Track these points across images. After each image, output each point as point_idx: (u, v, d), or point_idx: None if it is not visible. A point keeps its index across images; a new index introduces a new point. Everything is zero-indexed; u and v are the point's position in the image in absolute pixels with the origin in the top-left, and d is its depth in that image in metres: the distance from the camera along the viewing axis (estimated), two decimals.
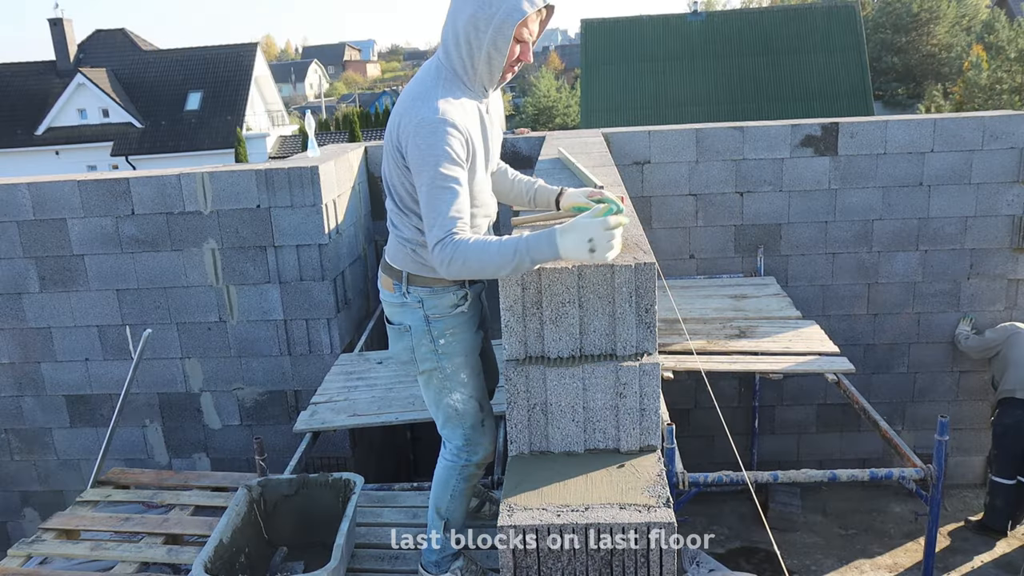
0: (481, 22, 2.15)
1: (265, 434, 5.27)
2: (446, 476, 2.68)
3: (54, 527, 3.65)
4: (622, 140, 5.64)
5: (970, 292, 5.81)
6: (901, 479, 3.46)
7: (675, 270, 5.81)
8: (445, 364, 2.51)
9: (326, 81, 69.16)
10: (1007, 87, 24.53)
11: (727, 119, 17.54)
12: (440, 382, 2.55)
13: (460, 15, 2.19)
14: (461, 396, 2.55)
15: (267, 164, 5.04)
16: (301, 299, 5.06)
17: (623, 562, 1.99)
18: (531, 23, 2.20)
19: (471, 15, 2.15)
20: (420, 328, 2.49)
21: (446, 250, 2.13)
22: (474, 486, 2.75)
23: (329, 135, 28.04)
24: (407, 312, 2.51)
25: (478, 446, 2.62)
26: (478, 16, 2.15)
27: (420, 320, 2.49)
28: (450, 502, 2.70)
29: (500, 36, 2.16)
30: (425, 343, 2.50)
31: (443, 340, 2.49)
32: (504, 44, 2.17)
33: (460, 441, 2.62)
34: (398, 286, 2.50)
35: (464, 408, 2.57)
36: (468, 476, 2.67)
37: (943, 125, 5.56)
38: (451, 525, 2.73)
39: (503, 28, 2.14)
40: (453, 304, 2.48)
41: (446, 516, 2.72)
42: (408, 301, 2.49)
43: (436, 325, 2.48)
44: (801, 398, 6.07)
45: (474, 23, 2.16)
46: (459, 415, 2.58)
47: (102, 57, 28.75)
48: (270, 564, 3.04)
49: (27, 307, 5.15)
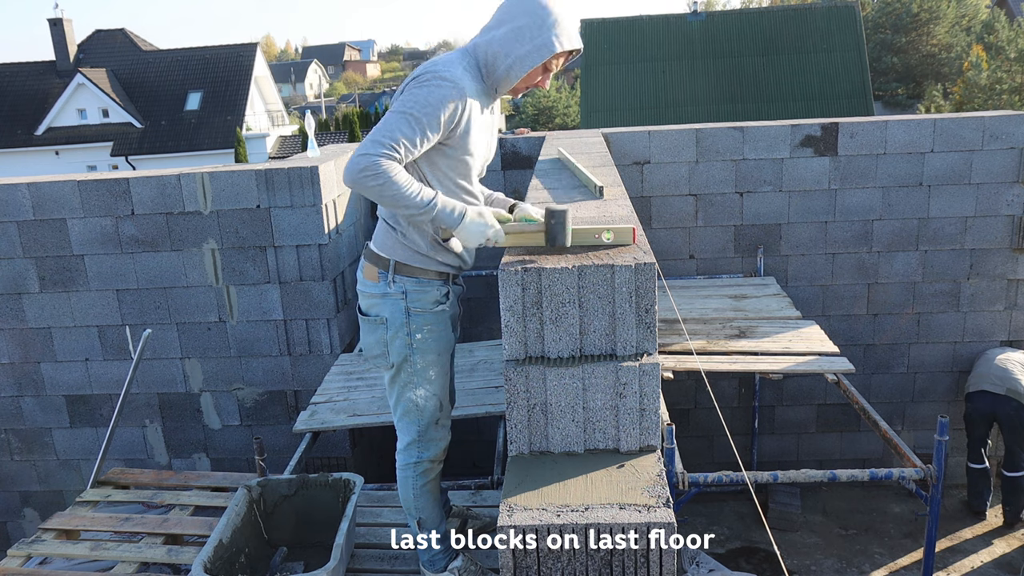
0: (525, 36, 2.33)
1: (265, 434, 5.28)
2: (403, 476, 2.71)
3: (54, 527, 3.65)
4: (622, 140, 5.64)
5: (970, 292, 5.82)
6: (901, 479, 3.46)
7: (675, 270, 5.82)
8: (417, 359, 2.54)
9: (326, 81, 69.18)
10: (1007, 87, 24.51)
11: (727, 119, 17.57)
12: (408, 376, 2.57)
13: (512, 20, 2.35)
14: (425, 393, 2.59)
15: (267, 164, 5.04)
16: (301, 299, 5.06)
17: (623, 562, 1.99)
18: (560, 58, 2.39)
19: (520, 26, 2.33)
20: (398, 321, 2.51)
21: (373, 161, 2.21)
22: (437, 483, 2.75)
23: (329, 135, 28.06)
24: (387, 304, 2.52)
25: (431, 442, 2.66)
26: (524, 30, 2.33)
27: (400, 313, 2.51)
28: (415, 501, 2.72)
29: (533, 55, 2.33)
30: (401, 336, 2.52)
31: (420, 335, 2.52)
32: (531, 63, 2.34)
33: (414, 435, 2.66)
34: (383, 275, 2.52)
35: (425, 405, 2.61)
36: (423, 472, 2.69)
37: (943, 125, 5.56)
38: (426, 524, 2.75)
39: (539, 50, 2.32)
40: (435, 300, 2.52)
41: (417, 516, 2.74)
42: (391, 292, 2.51)
43: (416, 319, 2.51)
44: (801, 398, 6.07)
45: (518, 33, 2.33)
46: (418, 410, 2.62)
47: (102, 57, 28.77)
48: (270, 564, 3.04)
49: (27, 307, 5.15)
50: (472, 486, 3.63)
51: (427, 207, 2.29)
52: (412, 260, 2.49)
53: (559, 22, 2.32)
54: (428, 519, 2.75)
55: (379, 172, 2.21)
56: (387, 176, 2.22)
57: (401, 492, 2.74)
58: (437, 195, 2.31)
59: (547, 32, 2.31)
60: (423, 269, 2.49)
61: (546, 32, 2.31)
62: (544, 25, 2.31)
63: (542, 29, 2.31)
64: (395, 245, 2.50)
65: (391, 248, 2.51)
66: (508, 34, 2.34)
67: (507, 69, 2.35)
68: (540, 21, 2.31)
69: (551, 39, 2.31)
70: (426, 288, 2.50)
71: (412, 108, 2.27)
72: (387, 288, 2.51)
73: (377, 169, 2.21)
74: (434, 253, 2.50)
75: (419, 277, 2.49)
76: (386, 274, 2.51)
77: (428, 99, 2.28)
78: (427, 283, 2.50)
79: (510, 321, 2.23)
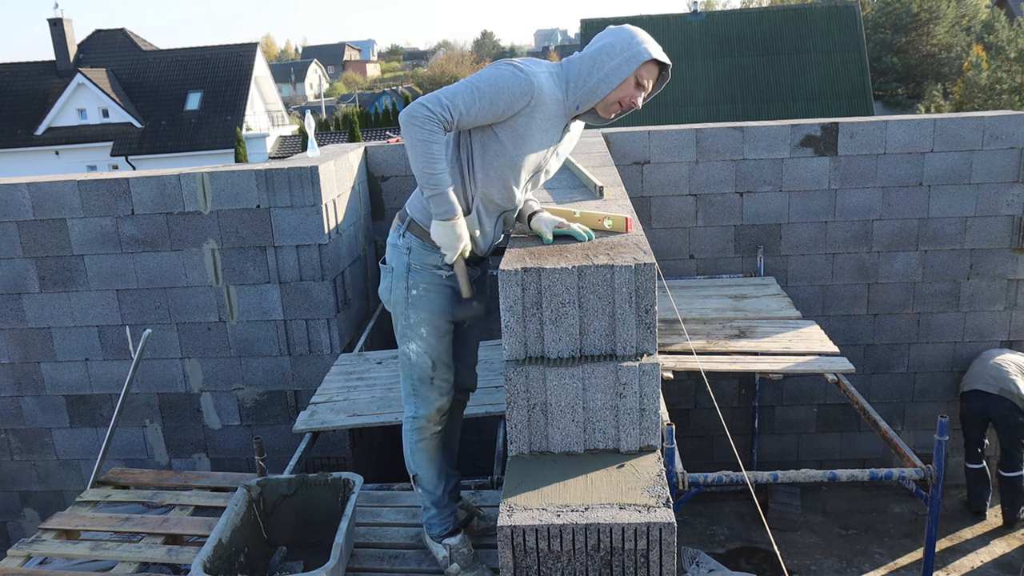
0: (615, 51, 2.43)
1: (265, 434, 5.28)
2: (404, 429, 2.86)
3: (54, 527, 3.65)
4: (622, 140, 5.64)
5: (970, 292, 5.82)
6: (901, 479, 3.46)
7: (675, 270, 5.81)
8: (411, 313, 2.67)
9: (326, 81, 69.18)
10: (1007, 87, 24.51)
11: (727, 119, 17.56)
12: (403, 328, 2.71)
13: (603, 39, 2.48)
14: (417, 348, 2.70)
15: (267, 164, 5.04)
16: (301, 299, 5.06)
17: (623, 562, 1.99)
18: (648, 73, 2.45)
19: (609, 43, 2.45)
20: (401, 273, 2.67)
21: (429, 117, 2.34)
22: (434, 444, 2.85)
23: (329, 135, 28.07)
24: (396, 254, 2.68)
25: (423, 400, 2.77)
26: (613, 46, 2.44)
27: (403, 265, 2.66)
28: (411, 456, 2.86)
29: (623, 66, 2.41)
30: (400, 287, 2.67)
31: (415, 291, 2.65)
32: (618, 77, 2.42)
33: (409, 388, 2.79)
34: (399, 227, 2.68)
35: (416, 360, 2.72)
36: (418, 428, 2.81)
37: (943, 125, 5.56)
38: (420, 482, 2.88)
39: (629, 61, 2.41)
40: (435, 264, 2.62)
41: (414, 471, 2.88)
42: (400, 244, 2.67)
43: (414, 276, 2.64)
44: (801, 398, 6.07)
45: (608, 50, 2.44)
46: (411, 365, 2.74)
47: (102, 57, 28.77)
48: (269, 564, 3.04)
49: (27, 307, 5.15)
50: (472, 486, 3.63)
51: (435, 184, 2.38)
52: (424, 222, 2.60)
53: (647, 41, 2.45)
54: (423, 477, 2.86)
55: (428, 128, 2.34)
56: (429, 136, 2.34)
57: (403, 444, 2.88)
58: (450, 188, 2.41)
59: (636, 46, 2.42)
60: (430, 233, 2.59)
61: (635, 46, 2.41)
62: (633, 41, 2.42)
63: (631, 44, 2.42)
64: (417, 205, 2.63)
65: (413, 206, 2.66)
66: (597, 51, 2.45)
67: (597, 82, 2.43)
68: (629, 38, 2.43)
69: (641, 49, 2.41)
70: (429, 251, 2.60)
71: (479, 82, 2.39)
72: (398, 240, 2.67)
73: (429, 125, 2.34)
74: None
75: (425, 240, 2.60)
76: (401, 227, 2.67)
77: (497, 79, 2.39)
78: (431, 247, 2.59)
79: (510, 321, 2.24)
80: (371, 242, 6.02)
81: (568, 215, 2.62)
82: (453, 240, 2.45)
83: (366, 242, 5.91)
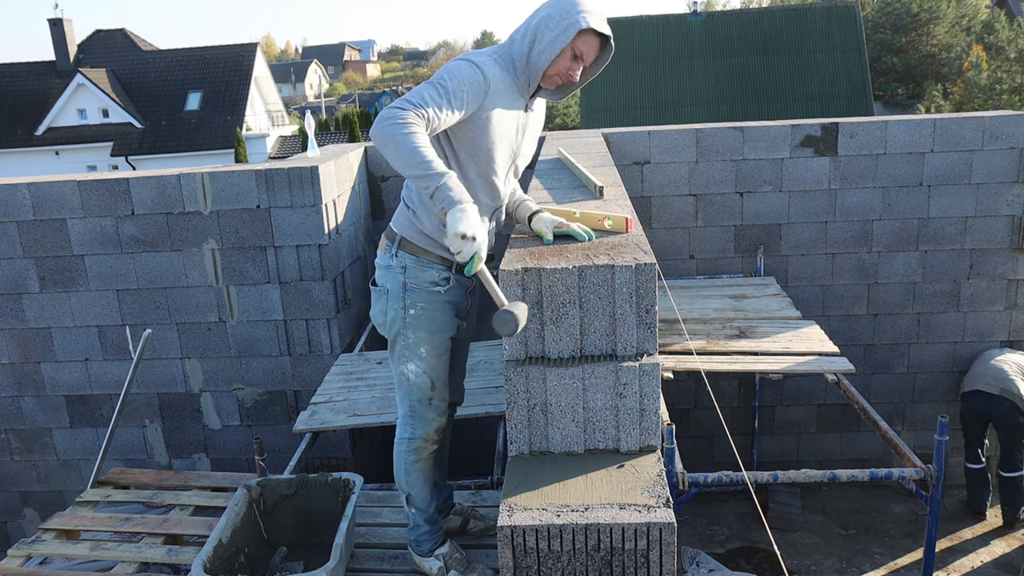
0: (552, 21, 2.40)
1: (265, 434, 5.28)
2: (397, 451, 2.81)
3: (54, 527, 3.65)
4: (622, 140, 5.64)
5: (970, 292, 5.82)
6: (901, 479, 3.46)
7: (675, 270, 5.81)
8: (409, 334, 2.63)
9: (326, 81, 69.17)
10: (1007, 87, 24.50)
11: (727, 119, 17.56)
12: (401, 349, 2.67)
13: (539, 13, 2.45)
14: (416, 368, 2.66)
15: (267, 164, 5.04)
16: (301, 299, 5.06)
17: (623, 562, 1.99)
18: (586, 44, 2.41)
19: (547, 15, 2.42)
20: (396, 293, 2.62)
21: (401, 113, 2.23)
22: (429, 463, 2.81)
23: (329, 135, 28.06)
24: (389, 275, 2.63)
25: (421, 420, 2.73)
26: (551, 17, 2.41)
27: (398, 286, 2.61)
28: (406, 476, 2.80)
29: (560, 37, 2.38)
30: (397, 308, 2.62)
31: (413, 311, 2.61)
32: (559, 45, 2.39)
33: (405, 409, 2.75)
34: (389, 247, 2.63)
35: (415, 381, 2.68)
36: (415, 448, 2.77)
37: (943, 125, 5.56)
38: (414, 501, 2.83)
39: (566, 31, 2.38)
40: (432, 281, 2.59)
41: (407, 491, 2.82)
42: (393, 265, 2.62)
43: (411, 295, 2.60)
44: (801, 398, 6.07)
45: (546, 21, 2.41)
46: (410, 385, 2.70)
47: (102, 57, 28.77)
48: (269, 564, 3.04)
49: (27, 307, 5.15)
50: (472, 486, 3.63)
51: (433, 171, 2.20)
52: (416, 239, 2.58)
53: (588, 11, 2.39)
54: (417, 496, 2.82)
55: (406, 122, 2.22)
56: (410, 128, 2.21)
57: (395, 465, 2.83)
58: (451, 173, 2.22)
59: (573, 15, 2.37)
60: (424, 250, 2.58)
61: (572, 15, 2.37)
62: (571, 10, 2.38)
63: (569, 13, 2.37)
64: (405, 223, 2.60)
65: (401, 225, 2.62)
66: (536, 25, 2.42)
67: (537, 56, 2.41)
68: (568, 7, 2.39)
69: (577, 18, 2.36)
70: (425, 268, 2.58)
71: (438, 79, 2.36)
72: (390, 261, 2.62)
73: (405, 118, 2.22)
74: (438, 237, 2.55)
75: (420, 256, 2.58)
76: (391, 247, 2.62)
77: (454, 72, 2.36)
78: (427, 264, 2.58)
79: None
80: (371, 242, 6.02)
81: (568, 215, 2.61)
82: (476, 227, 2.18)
83: (366, 242, 5.91)
